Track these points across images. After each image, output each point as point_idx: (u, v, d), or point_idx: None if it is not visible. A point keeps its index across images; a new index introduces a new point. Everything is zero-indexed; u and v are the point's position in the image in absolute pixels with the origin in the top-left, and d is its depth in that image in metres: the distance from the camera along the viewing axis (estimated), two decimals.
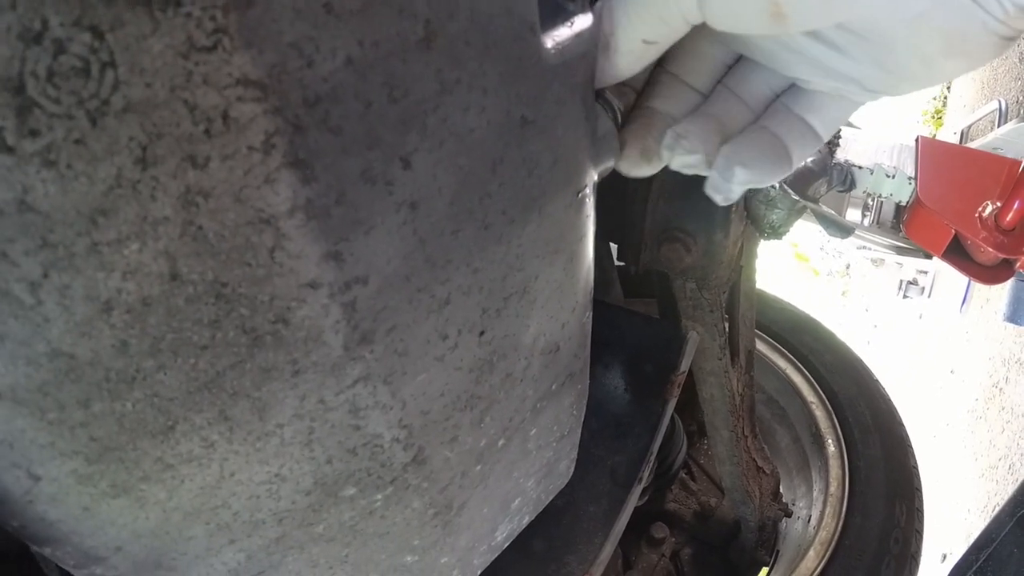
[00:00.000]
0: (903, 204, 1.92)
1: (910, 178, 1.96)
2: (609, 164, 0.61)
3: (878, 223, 2.51)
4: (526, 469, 0.72)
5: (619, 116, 0.61)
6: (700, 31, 0.56)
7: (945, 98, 4.08)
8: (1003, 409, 2.81)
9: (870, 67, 0.52)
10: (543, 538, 1.02)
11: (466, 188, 0.45)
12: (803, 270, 4.13)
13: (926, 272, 2.93)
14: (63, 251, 0.33)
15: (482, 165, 0.46)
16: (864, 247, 2.83)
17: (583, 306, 0.65)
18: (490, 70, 0.44)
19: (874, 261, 3.05)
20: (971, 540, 1.28)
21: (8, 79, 0.29)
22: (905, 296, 3.06)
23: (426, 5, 0.39)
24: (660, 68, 0.62)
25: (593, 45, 0.53)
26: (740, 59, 0.61)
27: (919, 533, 1.59)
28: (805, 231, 4.09)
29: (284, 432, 0.45)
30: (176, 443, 0.42)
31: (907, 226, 1.77)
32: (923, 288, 2.99)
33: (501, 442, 0.63)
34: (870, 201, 2.57)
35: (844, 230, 1.44)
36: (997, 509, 2.34)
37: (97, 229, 0.33)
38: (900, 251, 2.63)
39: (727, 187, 0.58)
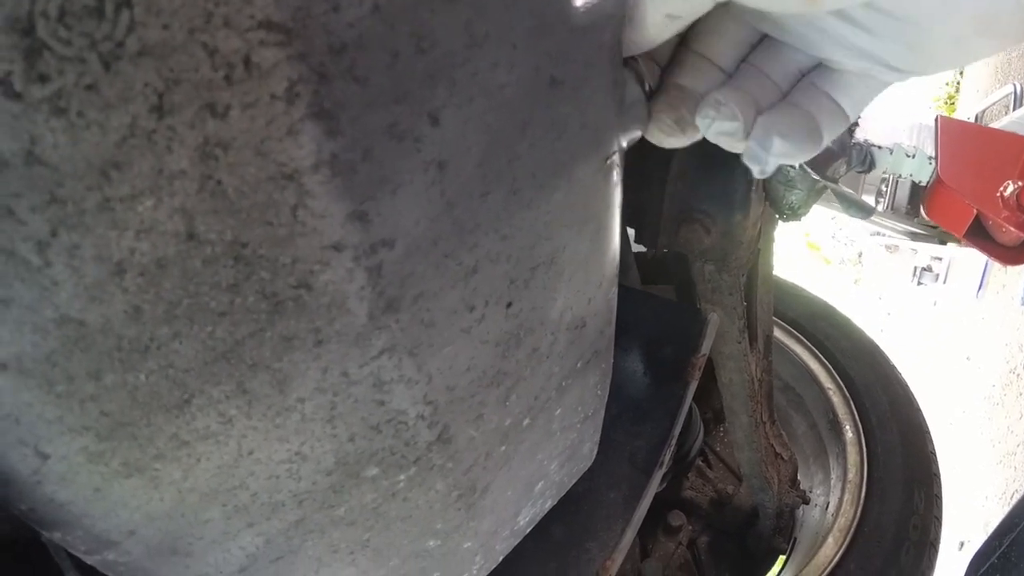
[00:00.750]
0: (923, 184, 1.89)
1: (930, 158, 1.93)
2: (637, 132, 0.59)
3: (892, 208, 2.48)
4: (550, 451, 0.70)
5: (647, 85, 0.59)
6: (725, 9, 0.55)
7: (958, 83, 4.04)
8: (1020, 395, 2.77)
9: (899, 47, 0.50)
10: (563, 524, 0.99)
11: (495, 149, 0.43)
12: (815, 258, 4.10)
13: (941, 259, 2.89)
14: (73, 207, 0.31)
15: (511, 125, 0.44)
16: (878, 233, 2.80)
17: (609, 281, 0.63)
18: (518, 25, 0.42)
19: (888, 247, 3.01)
20: (989, 528, 1.26)
21: (16, 19, 0.27)
22: (920, 283, 3.02)
23: None
24: (684, 47, 0.60)
25: (621, 7, 0.51)
26: (764, 38, 0.59)
27: (938, 520, 1.57)
28: (817, 219, 4.06)
29: (305, 407, 0.43)
30: (192, 418, 0.40)
31: (928, 206, 1.74)
32: (938, 275, 2.95)
33: (526, 421, 0.61)
34: (884, 187, 2.54)
35: (864, 211, 1.41)
36: (1016, 496, 2.31)
37: (109, 183, 0.31)
38: (915, 237, 2.60)
39: (764, 157, 0.57)
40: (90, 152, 0.30)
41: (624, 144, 0.58)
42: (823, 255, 4.11)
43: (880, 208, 2.47)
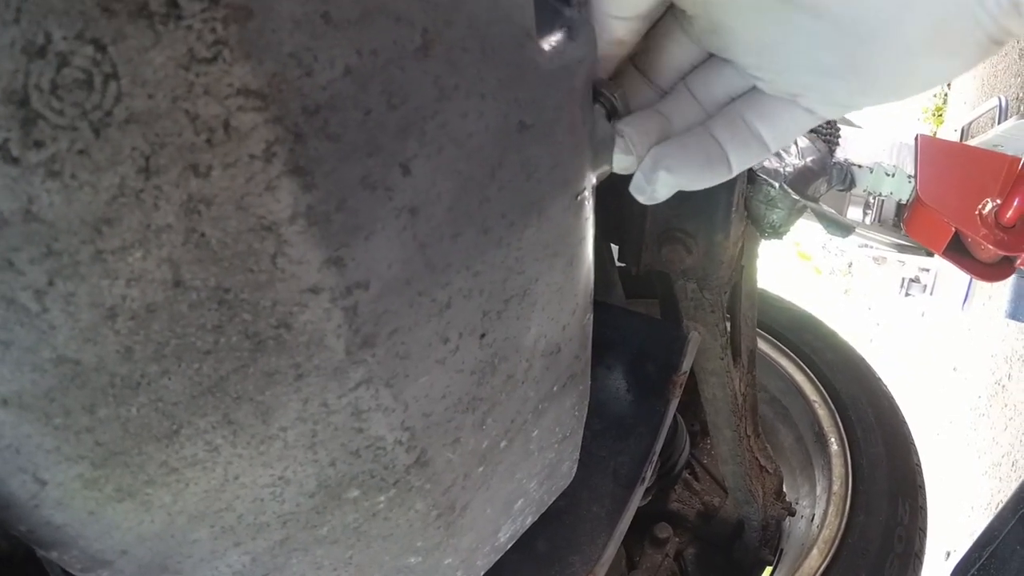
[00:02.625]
0: (903, 202, 1.92)
1: (910, 176, 1.96)
2: (607, 167, 0.61)
3: (879, 221, 2.51)
4: (528, 470, 0.72)
5: (619, 112, 0.61)
6: (677, 24, 0.56)
7: (946, 95, 4.08)
8: (1006, 406, 2.80)
9: (839, 64, 0.50)
10: (546, 539, 1.02)
11: (465, 193, 0.46)
12: (805, 269, 4.14)
13: (928, 270, 2.92)
14: (68, 259, 0.34)
15: (481, 170, 0.46)
16: (866, 245, 2.83)
17: (583, 308, 0.66)
18: (488, 76, 0.45)
19: (876, 259, 3.05)
20: (975, 538, 1.28)
21: (12, 91, 0.30)
22: (907, 294, 3.05)
23: (423, 13, 0.39)
24: (628, 62, 0.62)
25: (591, 50, 0.54)
26: (707, 60, 0.60)
27: (923, 531, 1.59)
28: (807, 230, 4.09)
29: (287, 435, 0.45)
30: (181, 447, 0.43)
31: (907, 224, 1.78)
32: (925, 286, 2.99)
33: (503, 443, 0.64)
34: (871, 199, 2.57)
35: (845, 229, 1.44)
36: (1000, 506, 2.33)
37: (101, 237, 0.34)
38: (902, 249, 2.63)
39: (650, 189, 0.59)
40: (83, 210, 0.33)
41: (595, 179, 0.60)
42: (814, 265, 4.15)
43: (867, 221, 2.51)
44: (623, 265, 1.30)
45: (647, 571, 1.54)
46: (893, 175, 1.99)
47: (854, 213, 2.57)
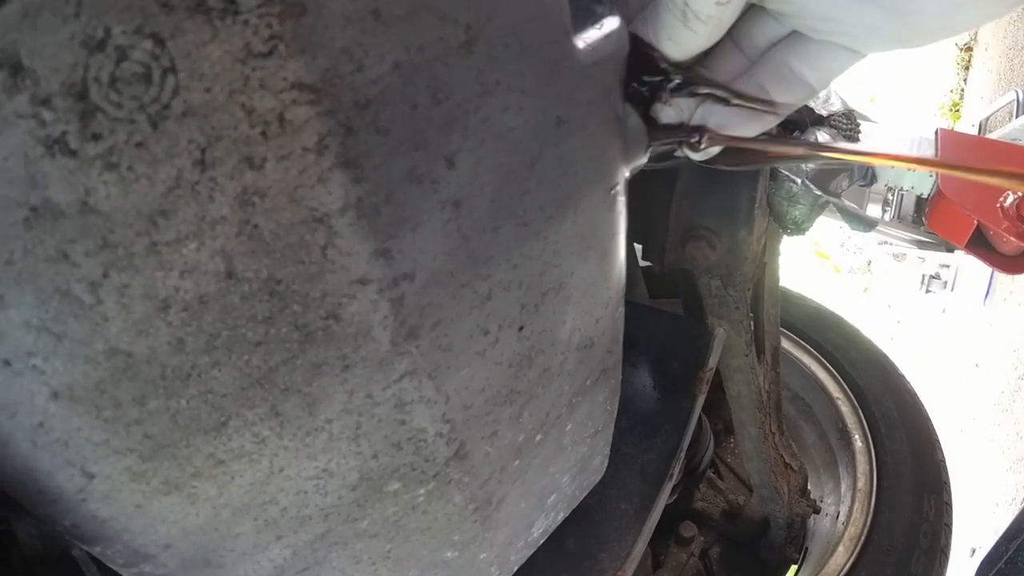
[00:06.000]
0: (924, 197, 1.91)
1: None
2: (640, 161, 0.61)
3: (899, 218, 2.49)
4: (562, 465, 0.73)
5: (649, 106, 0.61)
6: None
7: (962, 90, 4.06)
8: None
9: (882, 10, 0.50)
10: (575, 536, 1.02)
11: (506, 186, 0.46)
12: (824, 267, 4.12)
13: (948, 266, 2.91)
14: (123, 251, 0.34)
15: (521, 163, 0.47)
16: (885, 242, 2.82)
17: (616, 302, 0.66)
18: (527, 71, 0.45)
19: (896, 256, 3.03)
20: (1000, 534, 1.27)
21: (72, 85, 0.31)
22: (928, 290, 3.04)
23: (466, 10, 0.40)
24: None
25: (622, 46, 0.54)
26: (747, 11, 0.59)
27: (948, 527, 1.58)
28: (825, 228, 4.08)
29: (332, 427, 0.46)
30: (228, 439, 0.43)
31: (929, 218, 1.76)
32: (946, 282, 2.97)
33: (538, 437, 0.64)
34: (890, 196, 2.55)
35: (867, 224, 1.44)
36: None
37: (157, 229, 0.34)
38: (922, 245, 2.62)
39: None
40: (139, 202, 0.33)
41: (628, 173, 0.61)
42: (832, 264, 4.13)
43: (886, 217, 2.49)
44: (646, 265, 1.30)
45: (672, 570, 1.54)
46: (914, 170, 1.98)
47: (873, 210, 2.55)
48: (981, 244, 1.68)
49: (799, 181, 1.25)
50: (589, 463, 0.80)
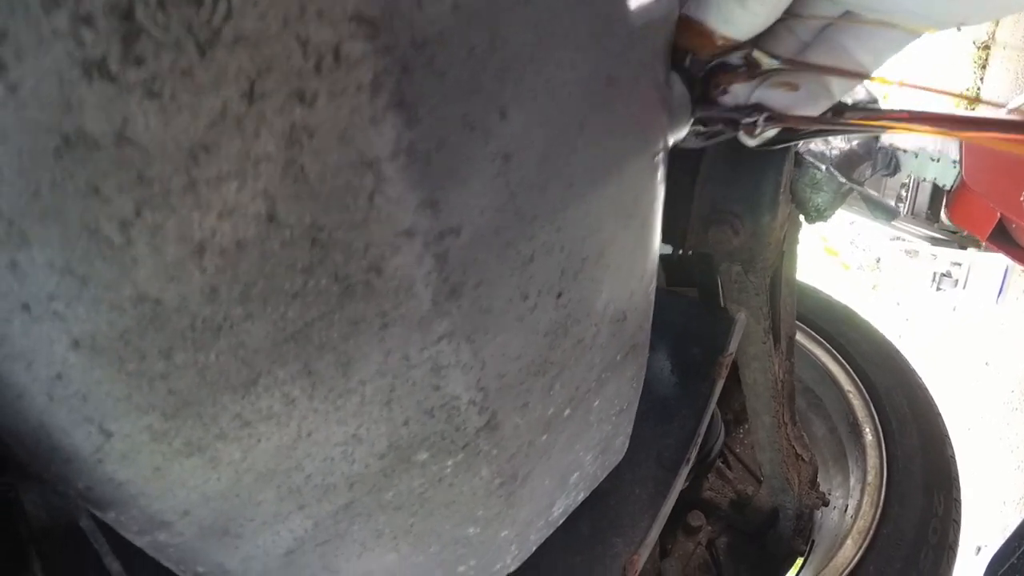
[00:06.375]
0: (947, 188, 1.88)
1: (954, 162, 1.93)
2: (683, 131, 0.59)
3: (913, 213, 2.48)
4: (587, 442, 0.71)
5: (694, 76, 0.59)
6: None
7: (979, 89, 4.03)
8: None
9: None
10: (590, 520, 1.00)
11: (555, 143, 0.44)
12: (833, 264, 4.09)
13: (960, 264, 2.88)
14: (159, 187, 0.32)
15: (571, 121, 0.45)
16: (898, 238, 2.80)
17: (650, 276, 0.64)
18: (581, 27, 0.43)
19: (908, 252, 3.01)
20: (1007, 533, 1.26)
21: (116, 3, 0.28)
22: (939, 288, 3.01)
23: None
24: None
25: (672, 10, 0.52)
26: None
27: (957, 523, 1.56)
28: (836, 224, 4.05)
29: (366, 389, 0.44)
30: (257, 398, 0.41)
31: (951, 210, 1.74)
32: (957, 280, 2.94)
33: (567, 412, 0.62)
34: (904, 192, 2.54)
35: (890, 213, 1.42)
36: None
37: (196, 165, 0.32)
38: (934, 242, 2.60)
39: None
40: (180, 134, 0.31)
41: (670, 142, 0.58)
42: (841, 260, 4.10)
43: (901, 212, 2.47)
44: (663, 251, 1.28)
45: (679, 559, 1.52)
46: (938, 160, 1.95)
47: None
48: (1003, 238, 1.65)
49: (823, 168, 1.23)
50: (612, 443, 0.78)
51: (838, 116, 1.29)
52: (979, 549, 2.63)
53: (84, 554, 0.68)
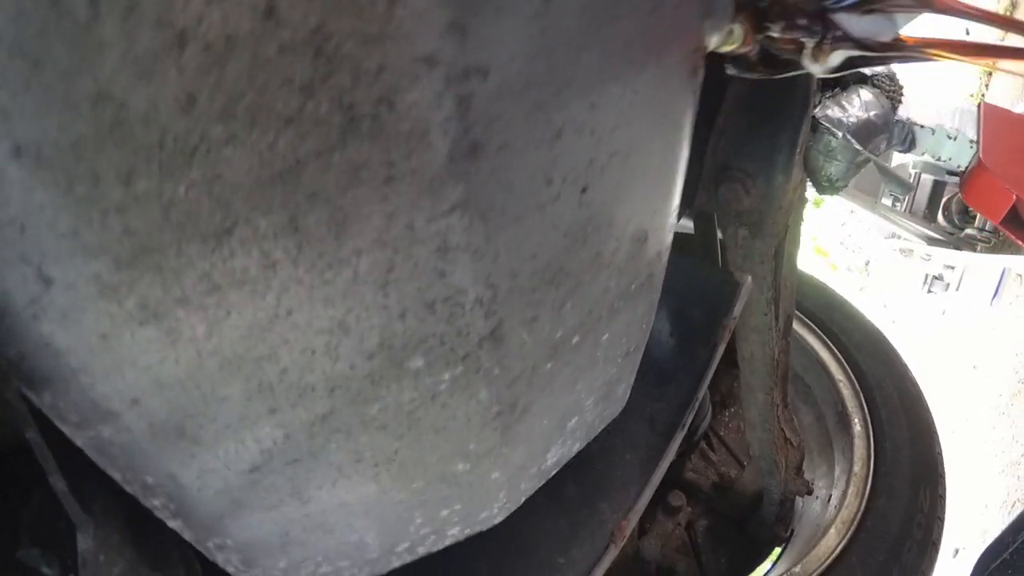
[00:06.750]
0: (962, 169, 1.83)
1: (972, 142, 1.88)
2: (720, 32, 0.54)
3: (911, 211, 2.44)
4: (590, 382, 0.64)
5: None
6: None
7: (983, 95, 3.99)
8: None
9: None
10: (575, 483, 0.94)
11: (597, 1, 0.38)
12: (821, 264, 4.05)
13: (953, 267, 2.84)
14: None
15: None
16: (894, 235, 2.75)
17: (674, 196, 0.58)
18: None
19: (903, 251, 2.96)
20: (988, 535, 1.22)
21: None
22: (930, 291, 2.97)
23: None
24: None
25: None
26: None
27: (941, 521, 1.52)
28: (826, 224, 4.02)
29: (360, 263, 0.37)
30: (231, 255, 0.34)
31: (966, 190, 1.69)
32: (948, 284, 2.90)
33: (575, 339, 0.56)
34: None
35: (905, 187, 1.37)
36: (1017, 504, 2.26)
37: None
38: (930, 241, 2.56)
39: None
40: None
41: (708, 44, 0.53)
42: (830, 261, 4.06)
43: (899, 208, 2.43)
44: None
45: (657, 537, 1.47)
46: (955, 139, 1.90)
47: (886, 202, 2.49)
48: (1016, 222, 1.60)
49: (840, 135, 1.17)
50: (614, 390, 0.72)
51: (860, 84, 1.24)
52: (956, 551, 2.61)
53: (32, 472, 0.61)
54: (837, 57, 0.56)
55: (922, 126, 1.90)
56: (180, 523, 0.50)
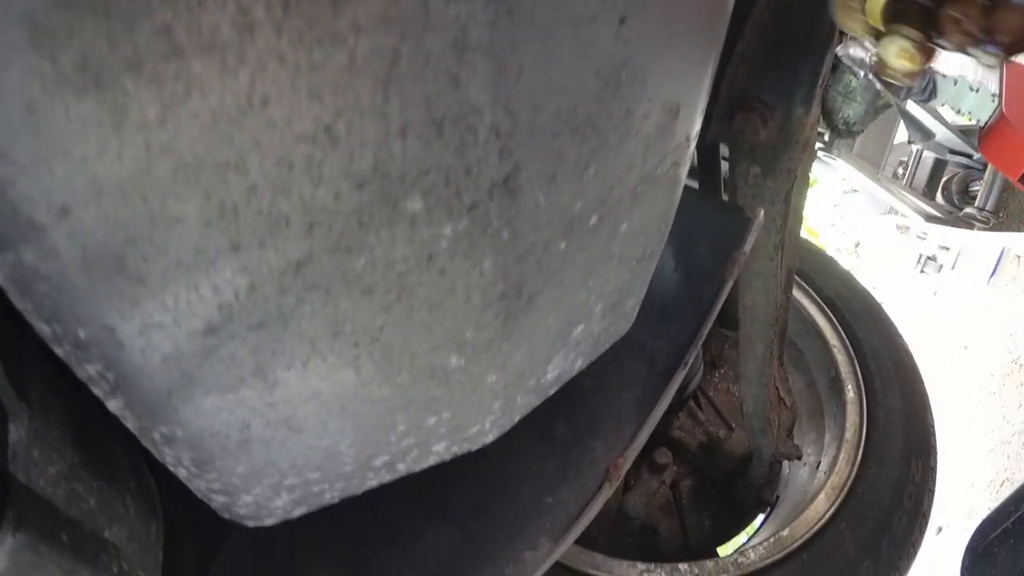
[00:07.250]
0: (982, 123, 1.77)
1: (994, 95, 1.82)
2: None
3: (911, 186, 2.39)
4: (602, 282, 0.57)
5: None
6: None
7: None
8: (1021, 385, 2.71)
9: None
10: (566, 421, 0.87)
11: None
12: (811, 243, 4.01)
13: (948, 248, 2.80)
14: None
15: None
16: (892, 210, 2.71)
17: (708, 74, 0.51)
18: None
19: (899, 227, 2.92)
20: (974, 514, 1.18)
21: None
22: (923, 271, 2.93)
23: None
24: None
25: None
26: None
27: (931, 493, 1.49)
28: (818, 204, 3.97)
29: (359, 45, 0.30)
30: (200, 2, 0.27)
31: (985, 145, 1.62)
32: (941, 266, 2.86)
33: (594, 219, 0.49)
34: (901, 171, 2.46)
35: (926, 134, 1.31)
36: (1007, 483, 2.23)
37: None
38: (928, 218, 2.52)
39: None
40: None
41: None
42: (820, 242, 4.02)
43: (935, 136, 2.35)
44: None
45: (642, 495, 1.41)
46: (977, 91, 1.83)
47: (886, 176, 2.44)
48: None
49: (861, 75, 1.11)
50: (623, 301, 0.65)
51: None
52: (940, 529, 2.58)
53: None
54: None
55: (945, 75, 1.84)
56: (121, 403, 0.42)
